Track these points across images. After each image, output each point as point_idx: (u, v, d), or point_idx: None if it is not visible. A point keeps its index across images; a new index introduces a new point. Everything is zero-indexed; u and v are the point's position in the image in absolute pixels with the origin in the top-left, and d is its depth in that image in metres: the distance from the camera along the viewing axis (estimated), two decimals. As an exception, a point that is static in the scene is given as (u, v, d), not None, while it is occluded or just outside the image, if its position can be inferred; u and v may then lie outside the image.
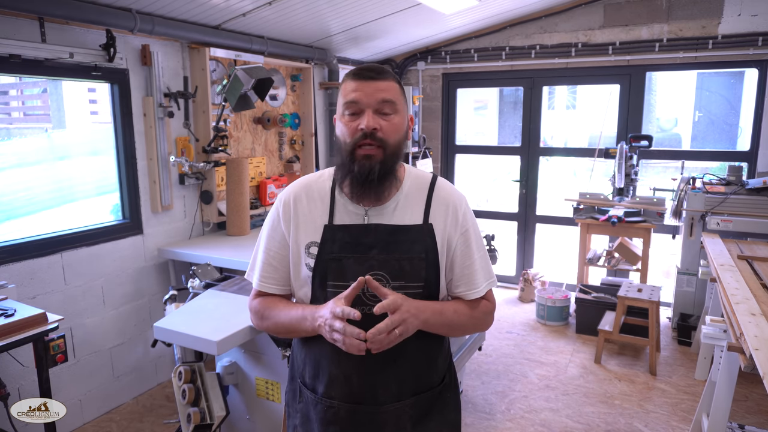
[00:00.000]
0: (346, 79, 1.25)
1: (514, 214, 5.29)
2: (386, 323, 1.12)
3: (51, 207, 3.35)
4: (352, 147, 1.21)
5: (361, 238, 1.25)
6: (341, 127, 1.24)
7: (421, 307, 1.20)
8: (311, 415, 1.32)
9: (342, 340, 1.13)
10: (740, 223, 3.60)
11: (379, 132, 1.20)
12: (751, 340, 1.78)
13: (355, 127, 1.21)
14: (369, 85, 1.20)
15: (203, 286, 2.58)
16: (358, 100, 1.20)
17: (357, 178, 1.21)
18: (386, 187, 1.25)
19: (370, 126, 1.19)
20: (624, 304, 3.63)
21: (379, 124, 1.20)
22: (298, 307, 1.29)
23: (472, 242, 1.31)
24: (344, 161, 1.23)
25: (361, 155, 1.20)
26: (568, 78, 5.01)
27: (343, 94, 1.23)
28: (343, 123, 1.23)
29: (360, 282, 1.15)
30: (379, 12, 3.76)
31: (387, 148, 1.22)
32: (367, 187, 1.22)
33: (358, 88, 1.21)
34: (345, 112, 1.23)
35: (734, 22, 4.08)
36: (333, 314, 1.14)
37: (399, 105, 1.24)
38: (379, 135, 1.20)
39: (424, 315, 1.20)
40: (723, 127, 6.90)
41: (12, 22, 2.49)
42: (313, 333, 1.24)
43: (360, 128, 1.20)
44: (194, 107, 3.43)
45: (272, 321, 1.33)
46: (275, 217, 1.34)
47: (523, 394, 3.27)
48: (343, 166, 1.24)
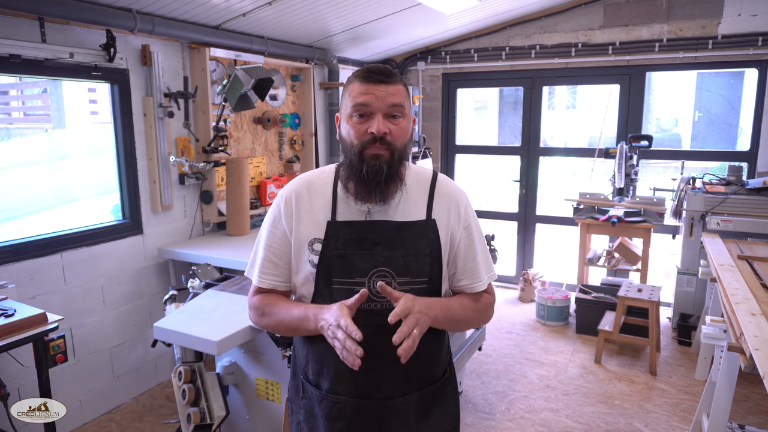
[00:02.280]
0: (354, 80, 1.25)
1: (514, 214, 5.29)
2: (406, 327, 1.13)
3: (51, 207, 3.35)
4: (360, 148, 1.22)
5: (366, 234, 1.26)
6: (348, 129, 1.24)
7: (430, 304, 1.21)
8: (316, 411, 1.33)
9: (340, 351, 1.14)
10: (740, 223, 3.60)
11: (389, 136, 1.21)
12: (751, 340, 1.78)
13: (364, 129, 1.21)
14: (379, 89, 1.21)
15: (203, 286, 2.58)
16: (368, 103, 1.21)
17: (364, 179, 1.22)
18: (391, 189, 1.26)
19: (381, 131, 1.20)
20: (624, 304, 3.63)
21: (388, 128, 1.21)
22: (300, 306, 1.29)
23: (474, 236, 1.34)
24: (352, 162, 1.24)
25: (370, 155, 1.21)
26: (568, 78, 5.00)
27: (351, 95, 1.23)
28: (351, 125, 1.23)
29: (363, 294, 1.16)
30: (379, 12, 3.76)
31: (395, 151, 1.23)
32: (373, 187, 1.23)
33: (368, 90, 1.21)
34: (354, 114, 1.23)
35: (734, 22, 4.08)
36: (337, 324, 1.14)
37: (406, 108, 1.25)
38: (388, 139, 1.21)
39: (433, 312, 1.21)
40: (723, 127, 6.91)
41: (12, 22, 2.49)
42: (315, 333, 1.24)
43: (370, 132, 1.20)
44: (194, 107, 3.43)
45: (273, 318, 1.33)
46: (276, 214, 1.34)
47: (523, 394, 3.27)
48: (350, 166, 1.25)
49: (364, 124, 1.21)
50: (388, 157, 1.22)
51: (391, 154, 1.22)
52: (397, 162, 1.24)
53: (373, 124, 1.20)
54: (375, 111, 1.21)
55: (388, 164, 1.22)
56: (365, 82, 1.22)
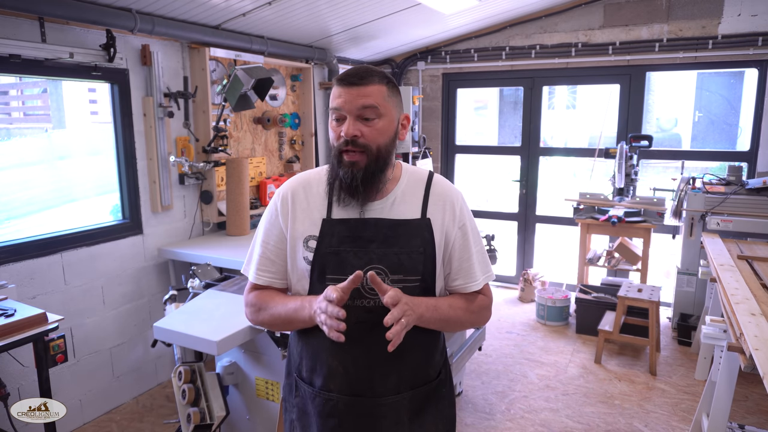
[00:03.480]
0: (333, 83, 1.27)
1: (514, 214, 5.29)
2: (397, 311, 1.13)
3: (51, 207, 3.35)
4: (338, 152, 1.25)
5: (361, 232, 1.27)
6: (330, 131, 1.28)
7: (416, 302, 1.22)
8: (309, 409, 1.33)
9: (324, 320, 1.14)
10: (740, 223, 3.60)
11: (361, 138, 1.22)
12: (751, 340, 1.78)
13: (338, 133, 1.24)
14: (350, 91, 1.22)
15: (203, 286, 2.58)
16: (340, 107, 1.23)
17: (341, 183, 1.26)
18: (374, 190, 1.27)
19: (349, 133, 1.21)
20: (624, 304, 3.63)
21: (359, 130, 1.22)
22: (296, 298, 1.30)
23: (469, 236, 1.34)
24: (333, 164, 1.28)
25: (346, 162, 1.24)
26: (568, 78, 5.00)
27: (331, 99, 1.27)
28: (331, 128, 1.27)
29: (357, 276, 1.15)
30: (379, 12, 3.76)
31: (370, 153, 1.24)
32: (352, 191, 1.25)
33: (340, 94, 1.23)
34: (332, 117, 1.26)
35: (734, 22, 4.08)
36: (324, 297, 1.16)
37: (383, 108, 1.24)
38: (361, 141, 1.22)
39: (419, 309, 1.22)
40: (723, 127, 6.90)
41: (12, 22, 2.49)
42: (311, 322, 1.25)
43: (342, 134, 1.23)
44: (194, 107, 3.43)
45: (269, 313, 1.33)
46: (273, 211, 1.36)
47: (523, 394, 3.27)
48: (332, 169, 1.29)
49: (340, 128, 1.24)
50: (364, 163, 1.23)
51: (368, 157, 1.23)
52: (375, 165, 1.24)
53: (344, 126, 1.22)
54: (346, 114, 1.22)
55: (364, 169, 1.23)
56: (339, 85, 1.24)
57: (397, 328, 1.12)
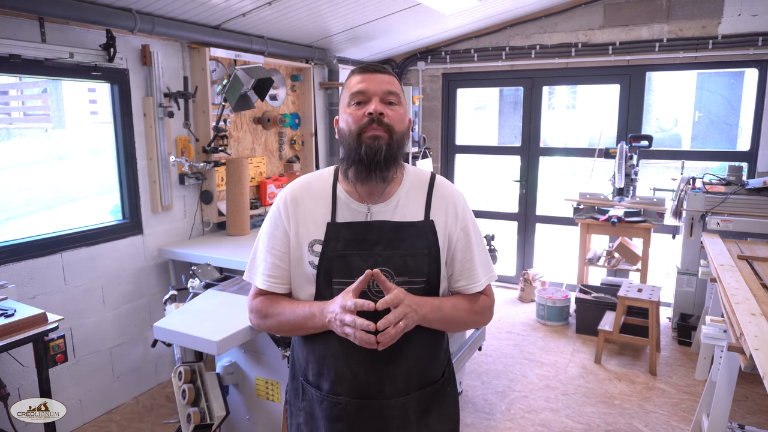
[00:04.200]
0: (351, 75, 1.30)
1: (514, 214, 5.29)
2: (393, 315, 1.14)
3: (51, 207, 3.35)
4: (359, 132, 1.24)
5: (366, 234, 1.27)
6: (347, 117, 1.27)
7: (420, 302, 1.22)
8: (316, 413, 1.33)
9: (353, 334, 1.14)
10: (740, 223, 3.60)
11: (386, 118, 1.24)
12: (751, 340, 1.78)
13: (362, 114, 1.24)
14: (374, 77, 1.27)
15: (203, 286, 2.58)
16: (365, 90, 1.25)
17: (363, 159, 1.23)
18: (390, 174, 1.28)
19: (377, 110, 1.23)
20: (624, 304, 3.63)
21: (385, 110, 1.25)
22: (304, 304, 1.28)
23: (472, 237, 1.35)
24: (350, 147, 1.26)
25: (368, 136, 1.23)
26: (568, 78, 5.00)
27: (349, 87, 1.28)
28: (349, 113, 1.26)
29: (367, 275, 1.16)
30: (379, 12, 3.76)
31: (393, 134, 1.25)
32: (373, 169, 1.24)
33: (364, 79, 1.26)
34: (351, 102, 1.27)
35: (734, 22, 4.08)
36: (343, 308, 1.15)
37: (402, 99, 1.30)
38: (386, 120, 1.24)
39: (423, 310, 1.22)
40: (723, 127, 6.91)
41: (12, 22, 2.49)
42: (322, 329, 1.24)
43: (368, 113, 1.23)
44: (194, 107, 3.43)
45: (276, 319, 1.32)
46: (276, 216, 1.34)
47: (523, 394, 3.27)
48: (349, 152, 1.26)
49: (362, 109, 1.25)
50: (387, 138, 1.24)
51: (390, 136, 1.24)
52: (396, 146, 1.26)
53: (371, 106, 1.24)
54: (371, 96, 1.25)
55: (388, 145, 1.24)
56: (361, 73, 1.28)
57: (391, 332, 1.13)
